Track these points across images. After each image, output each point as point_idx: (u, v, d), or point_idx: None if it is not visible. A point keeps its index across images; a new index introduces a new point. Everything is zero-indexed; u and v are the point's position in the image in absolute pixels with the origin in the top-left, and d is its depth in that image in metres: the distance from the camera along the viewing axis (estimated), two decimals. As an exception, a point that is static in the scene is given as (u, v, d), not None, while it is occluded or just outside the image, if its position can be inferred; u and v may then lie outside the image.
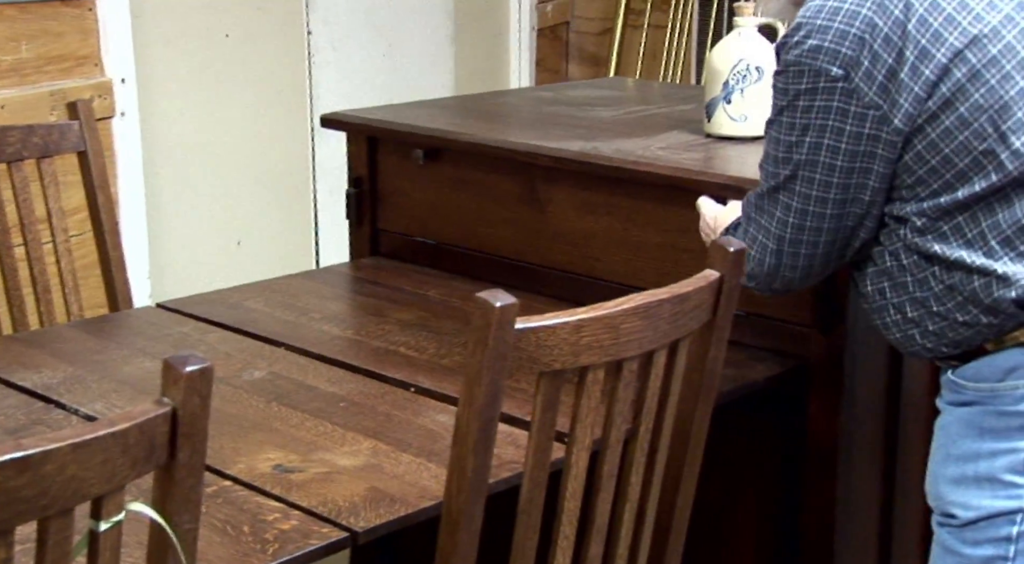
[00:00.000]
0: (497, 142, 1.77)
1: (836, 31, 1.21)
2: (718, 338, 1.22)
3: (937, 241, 1.22)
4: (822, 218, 1.27)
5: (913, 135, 1.20)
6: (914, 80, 1.18)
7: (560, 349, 1.05)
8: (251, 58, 2.67)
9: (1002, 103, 1.18)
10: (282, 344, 1.60)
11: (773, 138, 1.29)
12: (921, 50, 1.18)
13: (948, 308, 1.23)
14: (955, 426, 1.24)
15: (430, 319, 1.71)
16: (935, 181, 1.21)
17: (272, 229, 2.76)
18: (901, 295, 1.26)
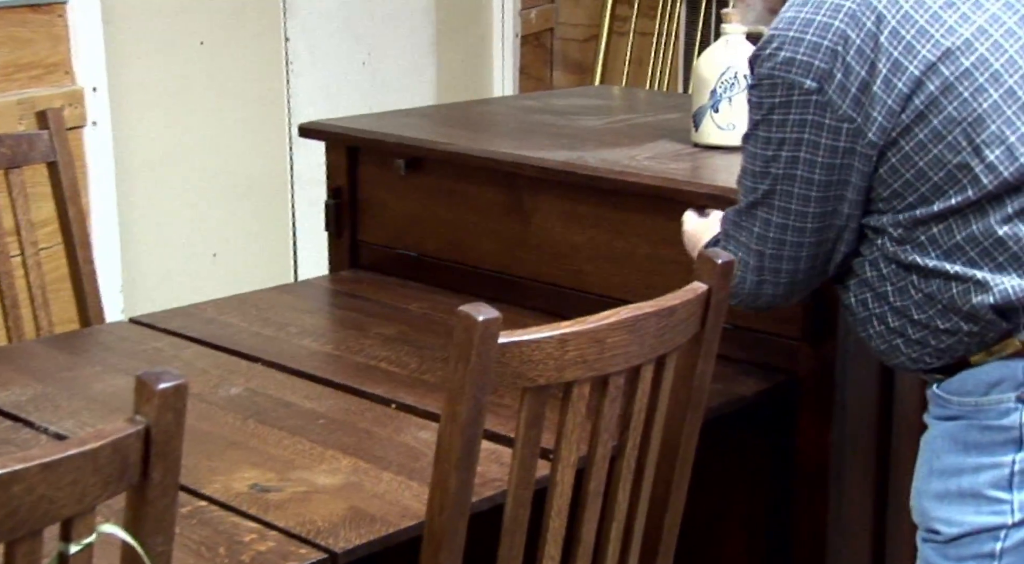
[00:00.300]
0: (480, 152, 1.78)
1: (809, 43, 1.22)
2: (706, 352, 1.22)
3: (914, 251, 1.24)
4: (802, 232, 1.28)
5: (887, 148, 1.22)
6: (887, 93, 1.20)
7: (545, 364, 1.05)
8: (227, 66, 2.67)
9: (976, 116, 1.19)
10: (259, 359, 1.60)
11: (750, 153, 1.30)
12: (894, 63, 1.20)
13: (929, 315, 1.24)
14: (939, 441, 1.25)
15: (411, 333, 1.71)
16: (910, 194, 1.22)
17: (249, 241, 2.76)
18: (882, 305, 1.28)
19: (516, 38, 3.46)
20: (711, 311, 1.20)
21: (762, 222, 1.30)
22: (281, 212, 2.84)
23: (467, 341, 1.01)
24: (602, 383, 1.12)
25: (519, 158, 1.74)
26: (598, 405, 1.13)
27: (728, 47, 1.76)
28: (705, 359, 1.22)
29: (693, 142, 1.79)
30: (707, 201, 1.54)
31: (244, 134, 2.73)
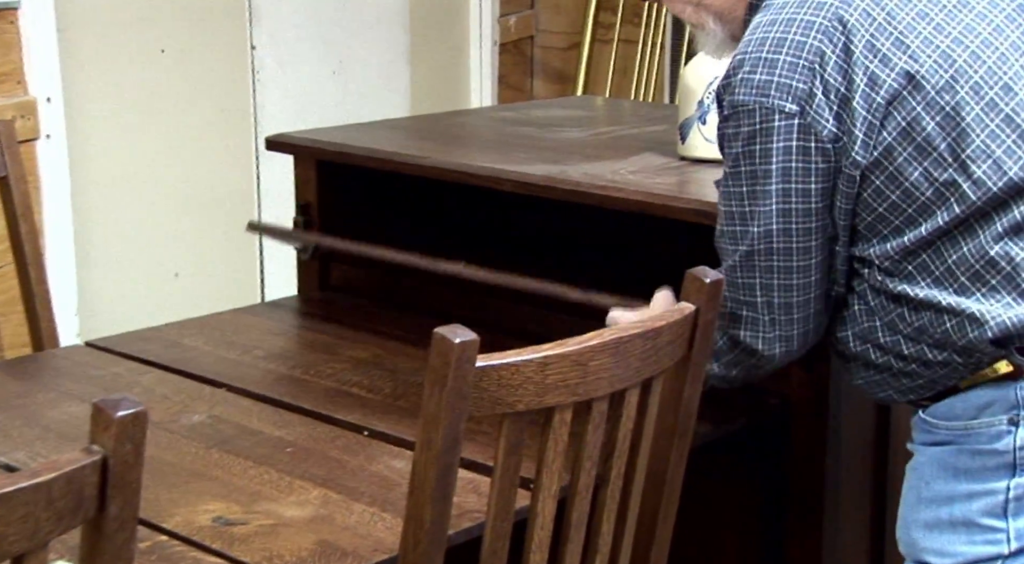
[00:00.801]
0: (456, 166, 1.79)
1: (784, 63, 1.21)
2: (694, 375, 1.23)
3: (904, 281, 1.23)
4: (808, 270, 1.26)
5: (870, 170, 1.21)
6: (866, 108, 1.20)
7: (524, 388, 1.06)
8: (190, 75, 2.67)
9: (959, 130, 1.19)
10: (224, 385, 1.60)
11: (734, 194, 1.26)
12: (871, 76, 1.20)
13: (920, 349, 1.24)
14: (928, 467, 1.25)
15: (384, 357, 1.71)
16: (897, 217, 1.22)
17: (213, 260, 2.75)
18: (867, 341, 1.27)
19: (494, 46, 3.48)
20: (699, 332, 1.21)
21: (763, 271, 1.26)
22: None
23: (443, 365, 1.01)
24: (585, 408, 1.12)
25: (497, 172, 1.75)
26: (581, 431, 1.13)
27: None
28: (692, 383, 1.23)
29: (680, 155, 1.81)
30: (694, 217, 1.55)
31: (208, 147, 2.73)
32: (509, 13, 3.55)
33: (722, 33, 1.36)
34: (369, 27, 3.09)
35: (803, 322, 1.28)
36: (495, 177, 1.74)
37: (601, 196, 1.65)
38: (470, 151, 1.96)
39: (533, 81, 3.71)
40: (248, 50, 2.81)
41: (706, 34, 1.38)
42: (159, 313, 2.43)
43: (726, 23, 1.35)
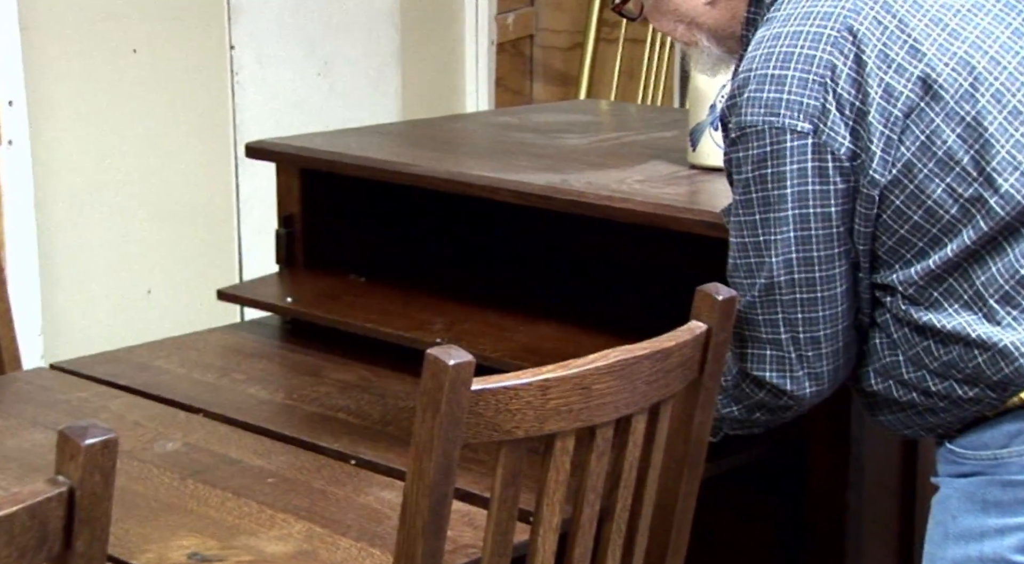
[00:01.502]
0: (450, 175, 1.80)
1: (793, 79, 1.21)
2: (705, 400, 1.23)
3: (930, 310, 1.22)
4: (834, 300, 1.25)
5: (889, 188, 1.21)
6: (883, 122, 1.20)
7: (524, 414, 1.06)
8: (163, 77, 2.68)
9: (982, 141, 1.19)
10: (200, 410, 1.60)
11: (746, 224, 1.25)
12: (886, 87, 1.20)
13: (948, 386, 1.23)
14: (955, 500, 1.25)
15: (373, 380, 1.71)
16: (920, 238, 1.22)
17: (188, 275, 2.76)
18: (889, 378, 1.27)
19: (491, 46, 3.49)
20: (711, 353, 1.22)
21: (786, 305, 1.25)
22: (225, 243, 2.85)
23: (436, 388, 1.02)
24: (588, 435, 1.13)
25: (494, 182, 1.76)
26: (584, 460, 1.14)
27: (728, 57, 1.78)
28: (704, 408, 1.24)
29: (690, 163, 1.82)
30: (706, 230, 1.56)
31: (183, 154, 2.73)
32: (507, 10, 3.57)
33: (717, 51, 1.35)
34: (357, 25, 3.11)
35: (833, 357, 1.27)
36: (492, 187, 1.75)
37: (605, 207, 1.66)
38: (465, 159, 1.97)
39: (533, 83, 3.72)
40: (226, 50, 2.83)
41: (699, 52, 1.37)
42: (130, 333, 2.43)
43: (721, 40, 1.35)
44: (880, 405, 1.31)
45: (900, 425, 1.30)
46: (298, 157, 1.96)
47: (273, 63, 2.93)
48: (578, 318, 1.77)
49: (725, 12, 1.34)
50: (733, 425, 1.35)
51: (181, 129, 2.72)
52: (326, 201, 2.01)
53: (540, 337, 1.73)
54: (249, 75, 2.88)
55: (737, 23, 1.33)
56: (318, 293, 1.91)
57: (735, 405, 1.33)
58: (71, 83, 2.53)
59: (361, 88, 3.12)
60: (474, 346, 1.60)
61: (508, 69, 3.62)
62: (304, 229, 1.99)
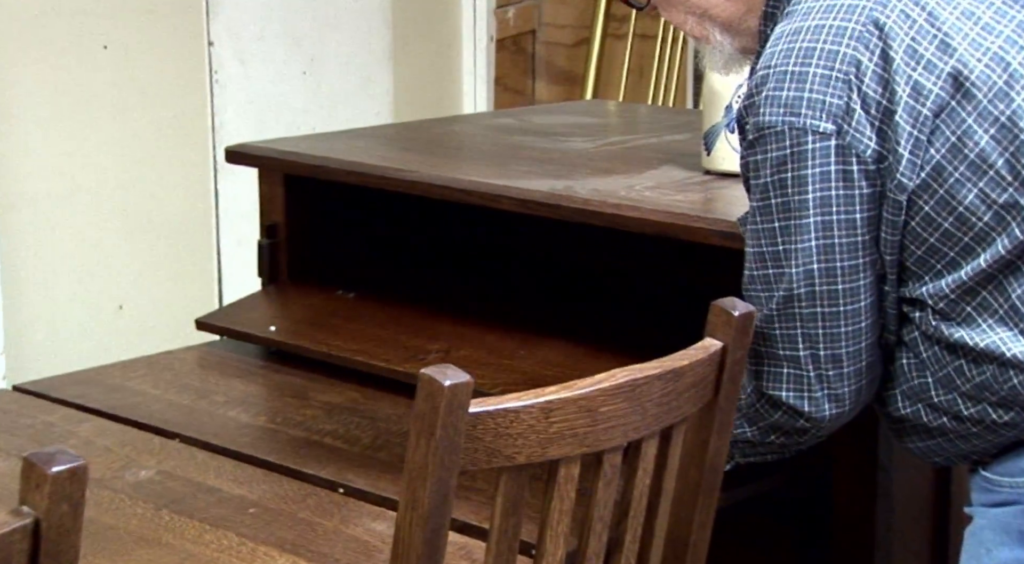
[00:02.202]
0: (446, 181, 1.81)
1: (815, 77, 1.21)
2: (721, 424, 1.24)
3: (963, 326, 1.22)
4: (858, 315, 1.25)
5: (918, 193, 1.21)
6: (911, 122, 1.20)
7: (525, 438, 1.07)
8: (136, 75, 2.70)
9: (1018, 143, 1.19)
10: (176, 435, 1.61)
11: (764, 232, 1.25)
12: (914, 85, 1.20)
13: (982, 409, 1.24)
14: (989, 532, 1.25)
15: (363, 402, 1.72)
16: (951, 248, 1.22)
17: (163, 289, 2.77)
18: (918, 401, 1.27)
19: (490, 42, 3.51)
20: (726, 374, 1.22)
21: (806, 319, 1.25)
22: (203, 254, 2.85)
23: (431, 411, 1.03)
24: (595, 461, 1.13)
25: (494, 189, 1.77)
26: (590, 488, 1.14)
27: (745, 55, 1.80)
28: (720, 432, 1.24)
29: (704, 168, 1.83)
30: (721, 240, 1.57)
31: (157, 159, 2.74)
32: (507, 4, 3.58)
33: (731, 47, 1.36)
34: (345, 20, 3.12)
35: (855, 377, 1.27)
36: (491, 194, 1.76)
37: (613, 216, 1.67)
38: (462, 164, 1.98)
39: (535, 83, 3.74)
40: (204, 46, 2.84)
41: (712, 48, 1.37)
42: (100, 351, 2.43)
43: (735, 35, 1.35)
44: (909, 430, 1.31)
45: (931, 452, 1.31)
46: (282, 162, 1.96)
47: (255, 61, 2.94)
48: (584, 336, 1.78)
49: (740, 5, 1.34)
50: (746, 450, 1.36)
51: (155, 132, 2.73)
52: (312, 210, 2.02)
53: (543, 363, 1.73)
54: (229, 74, 2.89)
55: (754, 17, 1.33)
56: (303, 316, 1.91)
57: (749, 426, 1.33)
58: (36, 83, 2.54)
59: (350, 88, 3.13)
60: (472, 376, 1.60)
61: (508, 67, 3.63)
62: (288, 240, 2.00)
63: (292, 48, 3.01)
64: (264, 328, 1.89)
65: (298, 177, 1.97)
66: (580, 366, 1.65)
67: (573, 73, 3.66)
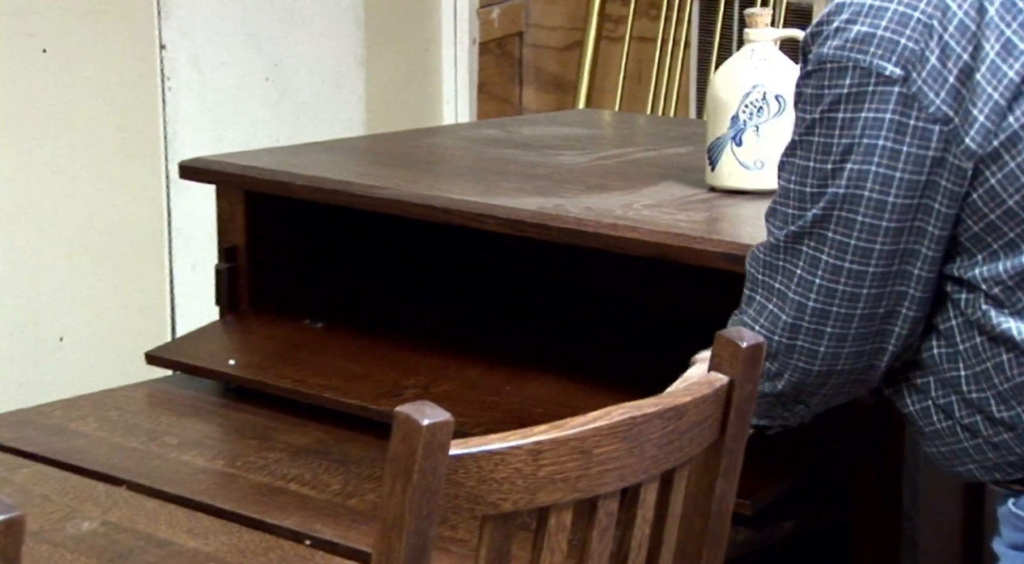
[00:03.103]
0: (425, 199, 1.82)
1: (894, 15, 1.21)
2: (728, 467, 1.25)
3: (1016, 317, 1.23)
4: (861, 278, 1.27)
5: (986, 163, 1.21)
6: (994, 84, 1.20)
7: (512, 483, 1.08)
8: (79, 81, 2.70)
9: None
10: (123, 482, 1.61)
11: (798, 168, 1.28)
12: (1006, 43, 1.20)
13: (1016, 415, 1.24)
14: None
15: (332, 443, 1.72)
16: (1013, 228, 1.22)
17: (109, 319, 2.77)
18: (950, 394, 1.28)
19: (473, 45, 3.52)
20: (733, 411, 1.23)
21: (808, 260, 1.29)
22: (154, 280, 2.85)
23: (407, 453, 1.03)
24: (589, 508, 1.14)
25: (477, 207, 1.78)
26: (584, 538, 1.14)
27: (754, 58, 1.81)
28: (726, 476, 1.25)
29: (709, 185, 1.84)
30: (727, 263, 1.58)
31: (103, 175, 2.75)
32: (491, 4, 3.60)
33: None
34: (313, 20, 3.13)
35: (836, 341, 1.30)
36: (474, 214, 1.77)
37: (608, 237, 1.67)
38: (442, 180, 1.98)
39: (522, 90, 3.75)
40: (156, 50, 2.85)
41: None
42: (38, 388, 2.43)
43: None
44: (936, 430, 1.31)
45: (954, 458, 1.31)
46: (242, 178, 1.97)
47: (212, 66, 2.95)
48: (576, 371, 1.79)
49: None
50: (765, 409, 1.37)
51: (100, 144, 2.74)
52: (276, 231, 2.03)
53: (531, 400, 1.73)
54: (184, 80, 2.90)
55: None
56: (266, 349, 1.91)
57: None
58: (-31, 90, 2.55)
59: (318, 96, 3.14)
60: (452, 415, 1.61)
61: (493, 73, 3.65)
62: (249, 264, 2.01)
63: (254, 51, 3.02)
64: (222, 362, 1.89)
65: (260, 194, 1.98)
66: (572, 403, 1.66)
67: (564, 79, 3.68)
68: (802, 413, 1.40)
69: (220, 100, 2.95)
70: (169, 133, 2.87)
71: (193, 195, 2.71)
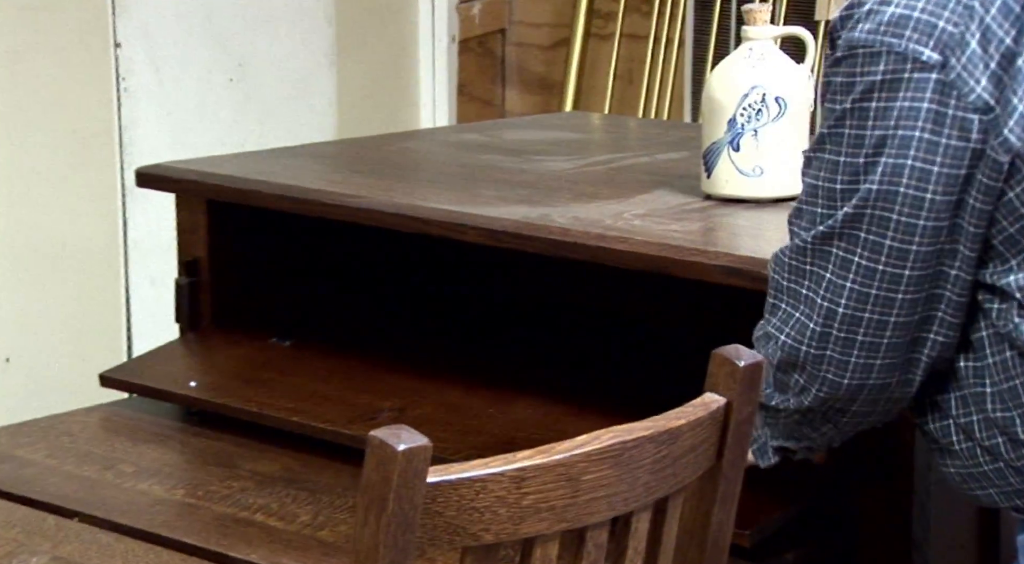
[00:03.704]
0: (401, 209, 1.82)
1: None
2: (725, 494, 1.25)
3: None
4: (896, 281, 1.25)
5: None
6: None
7: (494, 512, 1.08)
8: (27, 83, 2.70)
9: None
10: (75, 513, 1.60)
11: (827, 163, 1.27)
12: None
13: None
14: None
15: (301, 471, 1.72)
16: None
17: (59, 338, 2.76)
18: (972, 412, 1.28)
19: (452, 43, 3.53)
20: (731, 435, 1.23)
21: (839, 263, 1.28)
22: (109, 295, 2.85)
23: (382, 481, 1.03)
24: (576, 539, 1.14)
25: (457, 217, 1.78)
26: (571, 572, 1.15)
27: (752, 58, 1.82)
28: (723, 504, 1.25)
29: (704, 193, 1.85)
30: (725, 277, 1.59)
31: (54, 182, 2.74)
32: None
33: None
34: (280, 17, 3.13)
35: (869, 351, 1.29)
36: (454, 224, 1.78)
37: (597, 249, 1.68)
38: (420, 188, 1.99)
39: (505, 91, 3.76)
40: (111, 49, 2.84)
41: None
42: (-16, 413, 2.42)
43: None
44: (954, 449, 1.31)
45: (973, 482, 1.31)
46: (204, 186, 1.97)
47: (172, 66, 2.95)
48: (563, 392, 1.79)
49: None
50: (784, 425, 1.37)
51: (51, 150, 2.73)
52: (240, 243, 2.03)
53: (515, 423, 1.74)
54: (141, 81, 2.90)
55: None
56: (230, 369, 1.91)
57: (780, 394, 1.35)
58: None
59: (286, 97, 3.14)
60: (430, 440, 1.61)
61: (473, 72, 3.66)
62: (212, 278, 2.01)
63: (217, 50, 3.02)
64: (183, 384, 1.89)
65: (223, 204, 1.98)
66: (559, 427, 1.67)
67: (550, 80, 3.69)
68: (830, 434, 1.39)
69: (180, 102, 2.95)
70: (125, 138, 2.87)
71: (151, 204, 2.71)
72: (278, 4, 3.10)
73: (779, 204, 1.79)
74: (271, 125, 3.08)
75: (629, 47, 3.57)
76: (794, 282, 1.32)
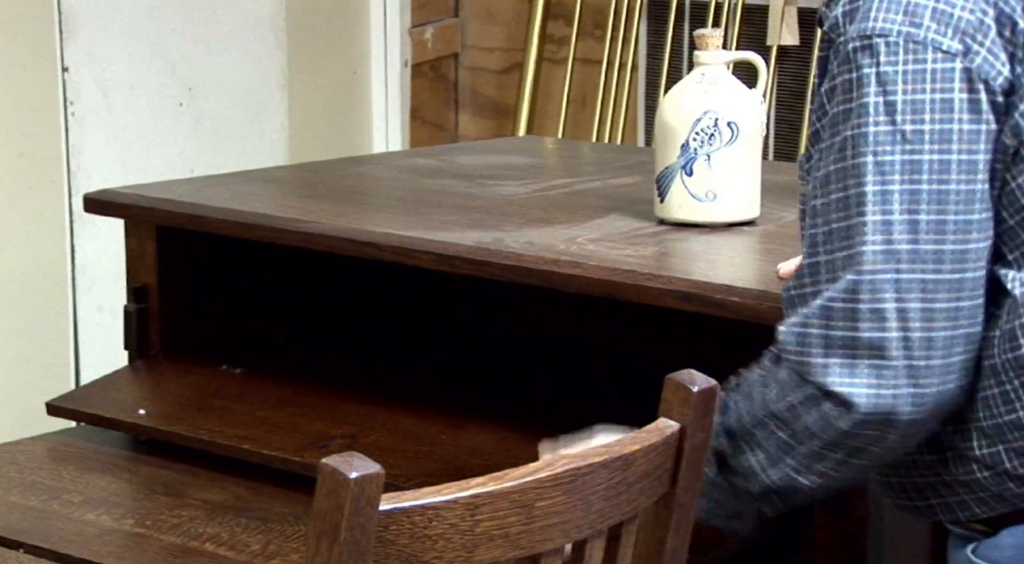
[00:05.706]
0: (353, 234, 1.82)
1: None
2: (679, 520, 1.25)
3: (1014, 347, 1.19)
4: (959, 287, 1.17)
5: None
6: None
7: (447, 540, 1.08)
8: (-25, 107, 2.68)
9: None
10: (20, 544, 1.59)
11: (851, 170, 1.19)
12: None
13: (999, 451, 1.22)
14: None
15: (251, 499, 1.71)
16: None
17: (5, 366, 2.74)
18: (959, 425, 1.24)
19: (404, 67, 3.54)
20: (685, 461, 1.24)
21: (903, 288, 1.17)
22: (56, 322, 2.83)
23: (334, 509, 1.03)
24: (530, 567, 1.14)
25: (410, 242, 1.78)
26: (525, 599, 1.15)
27: (705, 83, 1.84)
28: (678, 531, 1.26)
29: (658, 217, 1.86)
30: (678, 302, 1.60)
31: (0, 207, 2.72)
32: (424, 22, 3.62)
33: None
34: (231, 40, 3.13)
35: (943, 373, 1.20)
36: (406, 249, 1.78)
37: (551, 274, 1.69)
38: (372, 213, 1.99)
39: (458, 115, 3.77)
40: (58, 72, 2.84)
41: None
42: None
43: None
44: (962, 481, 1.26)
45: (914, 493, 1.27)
46: (154, 211, 1.97)
47: (120, 89, 2.94)
48: (516, 418, 1.79)
49: None
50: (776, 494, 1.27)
51: (-2, 175, 2.72)
52: (190, 269, 2.02)
53: (468, 450, 1.74)
54: (89, 105, 2.89)
55: None
56: (179, 397, 1.90)
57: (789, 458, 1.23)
58: None
59: (236, 122, 3.14)
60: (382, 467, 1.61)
61: (426, 97, 3.67)
62: (161, 305, 2.00)
63: (166, 74, 3.02)
64: (131, 412, 1.88)
65: (173, 229, 1.98)
66: (512, 453, 1.66)
67: (503, 104, 3.70)
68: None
69: (129, 127, 2.94)
70: (73, 163, 2.85)
71: (99, 230, 2.69)
72: (229, 28, 3.10)
73: (732, 228, 1.80)
74: (222, 150, 3.07)
75: (582, 72, 3.59)
76: (845, 329, 1.20)
